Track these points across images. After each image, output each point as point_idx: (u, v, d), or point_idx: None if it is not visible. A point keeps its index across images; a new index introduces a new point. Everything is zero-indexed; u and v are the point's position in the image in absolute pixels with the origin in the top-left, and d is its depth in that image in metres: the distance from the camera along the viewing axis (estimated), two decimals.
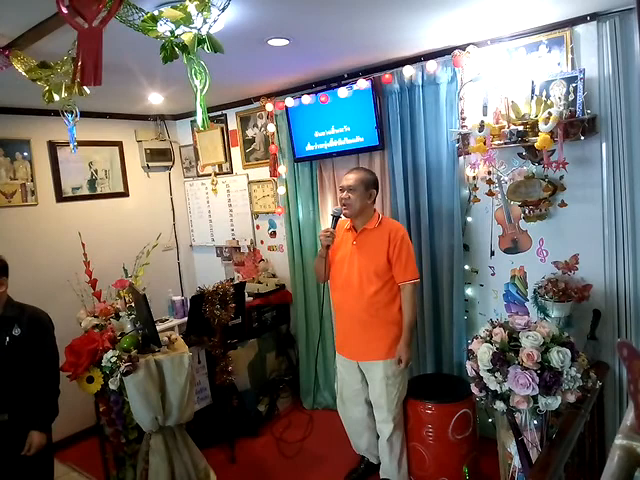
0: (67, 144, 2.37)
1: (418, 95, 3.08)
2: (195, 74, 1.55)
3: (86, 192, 3.96)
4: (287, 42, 2.51)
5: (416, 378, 3.06)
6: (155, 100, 3.64)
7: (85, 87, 2.02)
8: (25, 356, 2.31)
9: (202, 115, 1.59)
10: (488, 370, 2.05)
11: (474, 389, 2.17)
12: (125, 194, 4.23)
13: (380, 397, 2.66)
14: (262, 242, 4.25)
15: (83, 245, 3.22)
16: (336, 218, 2.67)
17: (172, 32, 1.53)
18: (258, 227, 4.27)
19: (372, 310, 2.60)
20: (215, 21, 1.54)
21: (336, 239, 2.70)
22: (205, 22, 1.52)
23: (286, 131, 3.71)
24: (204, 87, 1.56)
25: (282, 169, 3.83)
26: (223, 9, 1.53)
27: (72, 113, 2.26)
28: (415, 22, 2.39)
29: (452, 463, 2.64)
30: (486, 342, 2.11)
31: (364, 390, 2.78)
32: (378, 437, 2.81)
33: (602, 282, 2.63)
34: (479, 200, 2.88)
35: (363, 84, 3.16)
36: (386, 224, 2.65)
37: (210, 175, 4.43)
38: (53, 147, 3.73)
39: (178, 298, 3.49)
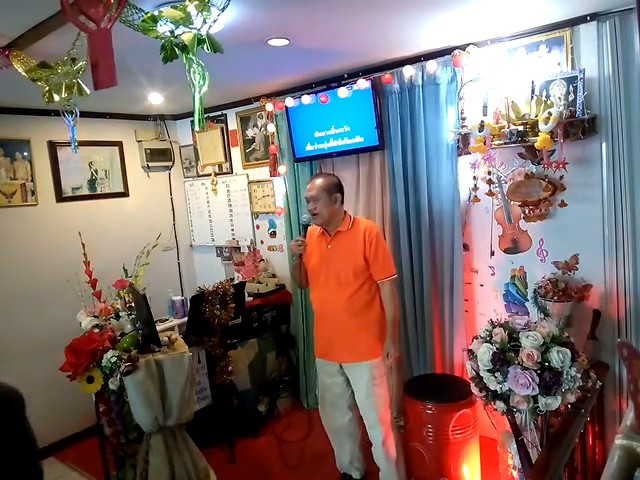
0: (67, 144, 2.37)
1: (418, 95, 3.08)
2: (194, 74, 1.55)
3: (86, 192, 3.96)
4: (287, 42, 2.51)
5: (416, 378, 3.07)
6: (155, 100, 3.64)
7: (85, 87, 2.02)
8: None
9: (198, 116, 1.59)
10: (488, 370, 2.05)
11: (474, 389, 2.17)
12: (125, 194, 4.23)
13: (367, 399, 2.62)
14: (262, 242, 4.25)
15: (83, 245, 3.22)
16: (306, 227, 2.70)
17: (172, 32, 1.53)
18: (258, 227, 4.27)
19: (353, 310, 2.58)
20: (215, 21, 1.54)
21: (310, 244, 2.70)
22: (205, 22, 1.52)
23: (286, 131, 3.71)
24: (202, 87, 1.56)
25: (282, 169, 3.83)
26: (223, 9, 1.53)
27: (72, 113, 2.26)
28: (415, 22, 2.39)
29: (452, 463, 2.64)
30: (486, 342, 2.11)
31: (346, 394, 2.74)
32: (365, 446, 2.79)
33: (602, 282, 2.63)
34: (479, 200, 2.88)
35: (363, 84, 3.15)
36: (359, 224, 2.65)
37: (210, 175, 4.43)
38: (53, 147, 3.73)
39: (178, 298, 3.49)
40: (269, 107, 3.73)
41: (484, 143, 2.53)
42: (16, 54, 2.06)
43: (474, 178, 2.87)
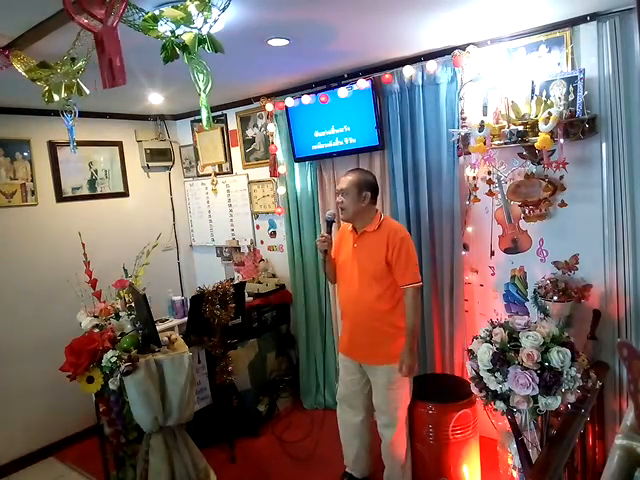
0: (67, 144, 2.37)
1: (418, 95, 3.08)
2: (197, 74, 1.55)
3: (86, 192, 3.96)
4: (287, 42, 2.51)
5: (416, 378, 3.05)
6: (155, 100, 3.64)
7: (85, 87, 2.02)
8: None
9: (206, 114, 1.59)
10: (488, 370, 2.05)
11: (474, 389, 2.17)
12: (125, 194, 4.23)
13: (383, 402, 2.62)
14: (262, 242, 4.25)
15: (83, 245, 3.22)
16: (330, 223, 2.72)
17: (173, 32, 1.53)
18: (258, 227, 4.27)
19: (375, 314, 2.54)
20: (215, 21, 1.54)
21: (341, 240, 2.72)
22: (205, 22, 1.52)
23: (286, 131, 3.71)
24: (207, 87, 1.56)
25: (282, 169, 3.83)
26: (223, 9, 1.53)
27: (71, 113, 2.26)
28: (415, 22, 2.39)
29: (452, 463, 2.64)
30: (486, 342, 2.11)
31: (362, 393, 2.73)
32: (373, 449, 2.80)
33: (602, 282, 2.63)
34: (479, 200, 2.88)
35: (363, 84, 3.15)
36: (386, 226, 2.56)
37: (210, 175, 4.43)
38: (53, 147, 3.73)
39: (178, 298, 3.49)
40: (269, 107, 3.73)
41: (484, 143, 2.53)
42: (16, 54, 2.06)
43: (474, 178, 2.87)
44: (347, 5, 2.09)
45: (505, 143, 2.52)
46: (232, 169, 4.32)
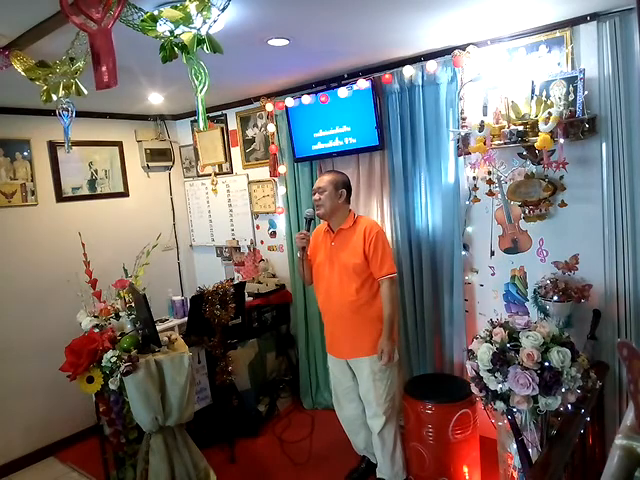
0: None
1: (418, 95, 3.08)
2: (195, 74, 1.55)
3: (86, 192, 3.96)
4: (287, 42, 2.51)
5: (416, 378, 3.07)
6: (155, 100, 3.64)
7: (83, 87, 2.02)
8: None
9: (201, 116, 1.60)
10: (488, 370, 2.05)
11: (474, 389, 2.17)
12: (125, 194, 4.23)
13: (368, 393, 2.70)
14: (262, 242, 4.25)
15: (83, 245, 3.22)
16: (309, 221, 2.80)
17: (172, 32, 1.53)
18: (258, 227, 4.27)
19: (355, 307, 2.64)
20: (215, 21, 1.54)
21: (316, 241, 2.82)
22: (205, 22, 1.52)
23: (286, 131, 3.71)
24: (203, 87, 1.56)
25: (282, 169, 3.83)
26: (223, 9, 1.53)
27: (68, 112, 2.25)
28: (415, 22, 2.39)
29: (452, 463, 2.64)
30: (486, 342, 2.11)
31: (356, 387, 2.81)
32: None
33: (602, 282, 2.63)
34: (479, 200, 2.88)
35: (363, 84, 3.16)
36: (361, 223, 2.71)
37: (210, 175, 4.42)
38: (53, 147, 3.73)
39: (178, 298, 3.49)
40: (269, 107, 3.73)
41: (484, 143, 2.52)
42: (16, 54, 2.06)
43: (474, 178, 2.87)
44: (347, 5, 2.09)
45: (505, 143, 2.52)
46: (232, 169, 4.32)
